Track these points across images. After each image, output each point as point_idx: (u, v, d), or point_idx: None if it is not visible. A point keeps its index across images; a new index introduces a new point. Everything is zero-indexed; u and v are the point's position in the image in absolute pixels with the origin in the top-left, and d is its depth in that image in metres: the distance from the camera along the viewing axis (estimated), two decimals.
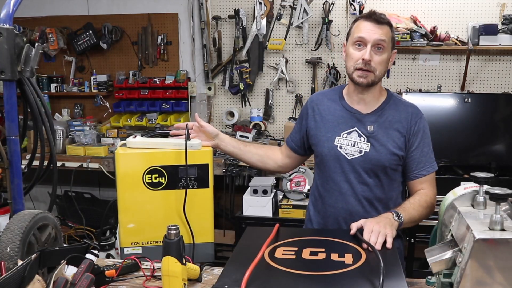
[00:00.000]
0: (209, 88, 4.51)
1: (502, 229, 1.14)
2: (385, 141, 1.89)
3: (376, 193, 1.92)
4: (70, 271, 1.41)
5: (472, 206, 1.32)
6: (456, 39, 3.94)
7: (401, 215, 1.75)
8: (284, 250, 1.48)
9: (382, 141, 1.89)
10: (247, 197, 3.53)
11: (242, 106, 4.50)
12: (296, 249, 1.48)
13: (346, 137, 1.93)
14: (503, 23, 3.89)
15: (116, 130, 4.49)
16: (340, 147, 1.92)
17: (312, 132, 2.02)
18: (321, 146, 1.97)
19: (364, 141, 1.91)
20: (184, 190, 1.79)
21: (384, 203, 1.94)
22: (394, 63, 4.03)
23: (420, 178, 1.92)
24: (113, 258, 3.86)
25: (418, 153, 1.91)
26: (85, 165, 4.09)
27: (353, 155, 1.91)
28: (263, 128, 4.31)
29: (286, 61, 4.35)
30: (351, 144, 1.91)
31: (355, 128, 1.93)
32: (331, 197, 1.96)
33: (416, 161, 1.91)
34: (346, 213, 1.93)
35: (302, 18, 4.16)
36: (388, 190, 1.95)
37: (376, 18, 1.84)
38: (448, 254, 1.25)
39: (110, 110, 4.69)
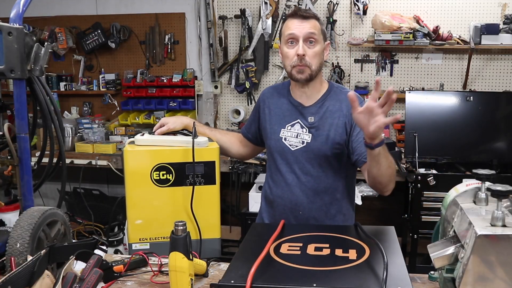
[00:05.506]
0: (216, 87, 4.54)
1: (504, 225, 1.14)
2: (326, 131, 1.91)
3: (320, 183, 1.93)
4: (79, 266, 1.42)
5: (474, 202, 1.32)
6: (458, 39, 3.95)
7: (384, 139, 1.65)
8: (289, 246, 1.48)
9: (323, 131, 1.92)
10: (253, 194, 3.56)
11: (248, 104, 4.52)
12: (301, 244, 1.49)
13: (290, 129, 1.97)
14: (504, 23, 3.91)
15: (124, 128, 4.53)
16: (285, 139, 1.97)
17: (263, 125, 2.08)
18: (269, 138, 2.03)
19: (306, 132, 1.94)
20: (191, 187, 1.81)
21: (330, 193, 1.95)
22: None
23: None
24: (121, 253, 3.90)
25: (363, 134, 1.72)
26: (93, 162, 4.13)
27: (296, 146, 1.94)
28: None
29: None
30: (294, 136, 1.95)
31: (298, 120, 1.97)
32: (278, 188, 2.00)
33: (362, 142, 1.77)
34: (292, 204, 1.96)
35: None
36: (334, 180, 1.95)
37: (302, 13, 1.90)
38: (451, 249, 1.26)
39: (118, 108, 4.72)
